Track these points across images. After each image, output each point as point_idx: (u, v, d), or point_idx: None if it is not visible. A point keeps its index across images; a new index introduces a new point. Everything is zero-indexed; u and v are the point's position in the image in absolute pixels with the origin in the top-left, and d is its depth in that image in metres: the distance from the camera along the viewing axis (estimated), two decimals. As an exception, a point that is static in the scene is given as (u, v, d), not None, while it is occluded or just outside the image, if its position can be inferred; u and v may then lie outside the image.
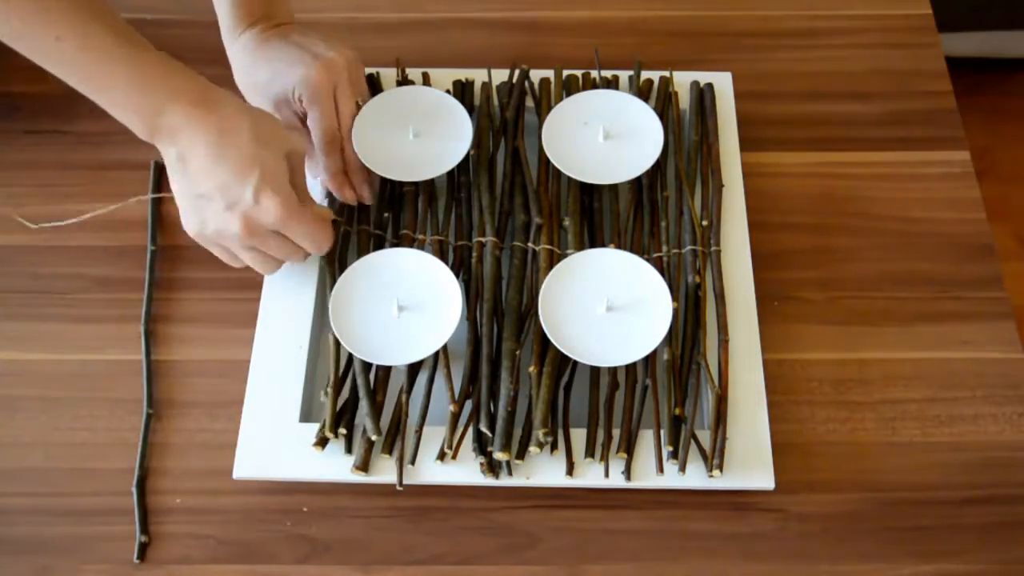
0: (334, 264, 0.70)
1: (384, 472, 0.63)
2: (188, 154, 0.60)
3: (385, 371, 0.66)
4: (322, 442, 0.63)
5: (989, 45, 1.65)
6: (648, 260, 0.69)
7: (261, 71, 0.70)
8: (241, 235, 0.62)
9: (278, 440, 0.64)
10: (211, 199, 0.61)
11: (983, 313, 0.73)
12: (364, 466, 0.63)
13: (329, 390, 0.65)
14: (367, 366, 0.65)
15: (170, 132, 0.60)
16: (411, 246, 0.70)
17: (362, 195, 0.72)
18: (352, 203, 0.72)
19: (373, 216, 0.73)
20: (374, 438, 0.63)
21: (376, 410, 0.64)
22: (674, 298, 0.67)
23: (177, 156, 0.61)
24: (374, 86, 0.80)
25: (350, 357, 0.67)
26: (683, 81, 0.80)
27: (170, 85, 0.60)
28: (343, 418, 0.64)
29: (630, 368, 0.66)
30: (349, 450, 0.64)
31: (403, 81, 0.80)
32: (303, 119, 0.71)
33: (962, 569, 0.63)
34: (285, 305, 0.70)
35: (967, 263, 0.75)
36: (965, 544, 0.64)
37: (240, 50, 0.70)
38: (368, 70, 0.81)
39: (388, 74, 0.80)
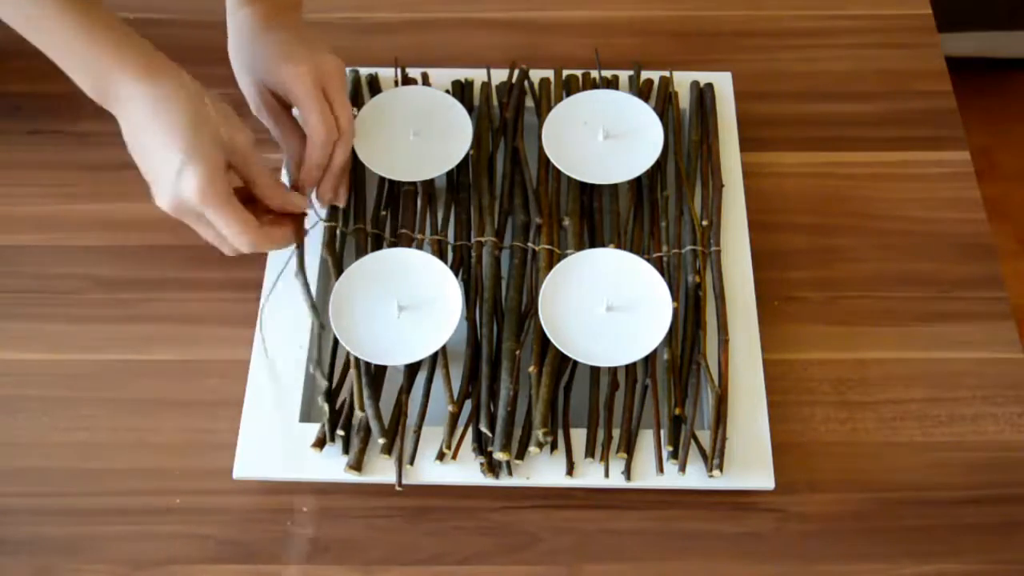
0: (332, 263, 0.70)
1: (383, 472, 0.63)
2: (128, 122, 0.61)
3: (384, 371, 0.66)
4: (320, 443, 0.63)
5: (989, 45, 1.65)
6: (648, 260, 0.69)
7: (257, 54, 0.69)
8: (169, 210, 0.61)
9: (278, 440, 0.64)
10: (149, 174, 0.61)
11: (983, 313, 0.73)
12: (357, 466, 0.63)
13: (321, 402, 0.65)
14: (370, 367, 0.65)
15: (113, 98, 0.60)
16: (410, 246, 0.70)
17: (341, 198, 0.70)
18: (324, 205, 0.71)
19: (372, 216, 0.73)
20: (381, 441, 0.63)
21: (379, 413, 0.64)
22: (674, 298, 0.67)
23: (122, 121, 0.61)
24: (373, 86, 0.80)
25: (348, 357, 0.67)
26: (683, 81, 0.80)
27: (115, 53, 0.60)
28: (341, 419, 0.64)
29: (630, 368, 0.66)
30: (348, 450, 0.64)
31: (403, 81, 0.79)
32: (275, 113, 0.70)
33: (962, 569, 0.63)
34: (285, 305, 0.69)
35: (967, 263, 0.75)
36: (965, 544, 0.64)
37: (241, 23, 0.69)
38: (368, 70, 0.81)
39: (387, 74, 0.80)
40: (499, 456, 0.62)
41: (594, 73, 0.80)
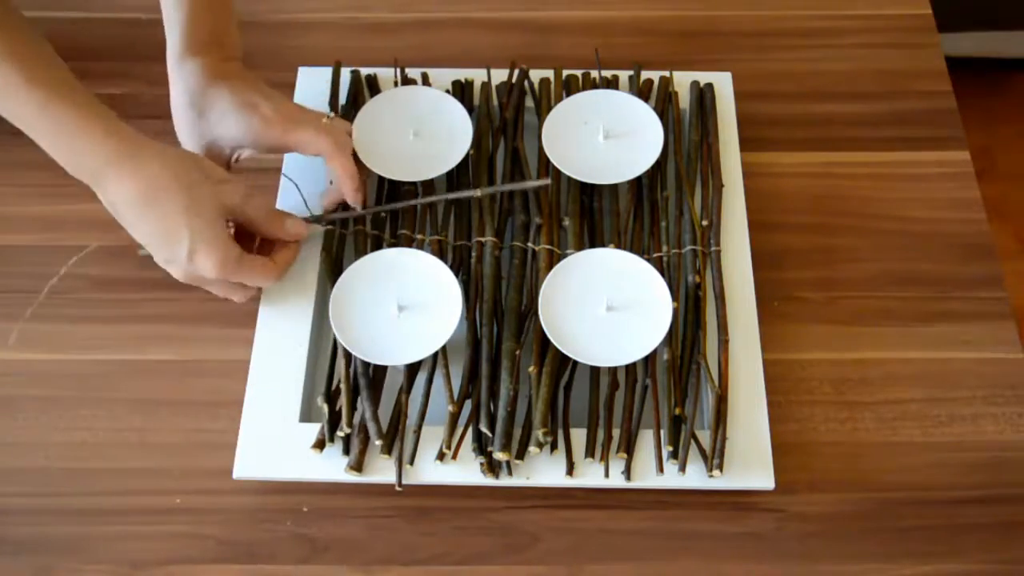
0: (332, 263, 0.70)
1: (383, 472, 0.63)
2: (118, 206, 0.61)
3: (384, 371, 0.66)
4: (320, 444, 0.63)
5: (989, 45, 1.65)
6: (648, 260, 0.69)
7: (210, 109, 0.67)
8: (183, 281, 0.64)
9: (278, 440, 0.64)
10: (151, 249, 0.63)
11: (983, 313, 0.73)
12: (358, 466, 0.63)
13: (320, 402, 0.65)
14: (367, 366, 0.65)
15: (92, 183, 0.61)
16: (410, 246, 0.70)
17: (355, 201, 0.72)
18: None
19: (371, 216, 0.73)
20: (377, 442, 0.63)
21: (376, 412, 0.64)
22: (674, 298, 0.67)
23: (108, 204, 0.62)
24: (373, 86, 0.80)
25: (347, 356, 0.67)
26: (683, 81, 0.80)
27: (87, 139, 0.59)
28: (341, 420, 0.64)
29: (630, 368, 0.66)
30: (348, 451, 0.64)
31: (402, 81, 0.79)
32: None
33: (962, 569, 0.63)
34: (285, 305, 0.69)
35: (967, 263, 0.75)
36: (965, 544, 0.64)
37: (188, 76, 0.67)
38: (367, 70, 0.81)
39: (387, 74, 0.80)
40: (499, 456, 0.62)
41: (594, 73, 0.80)
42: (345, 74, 0.80)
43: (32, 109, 0.58)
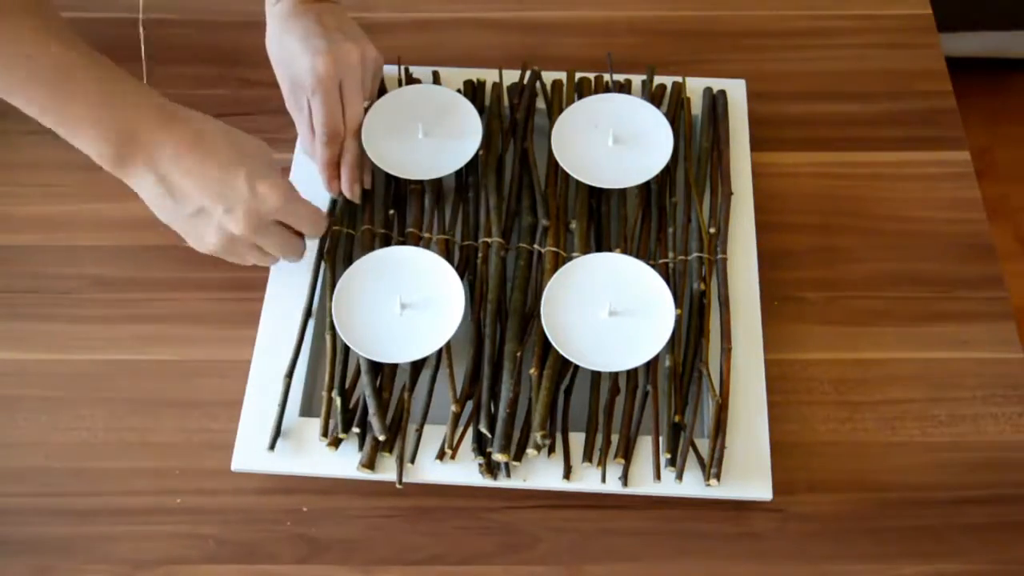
0: (333, 262, 0.70)
1: (384, 470, 0.63)
2: (170, 171, 0.60)
3: (390, 369, 0.66)
4: (335, 442, 0.63)
5: (989, 45, 1.65)
6: (654, 266, 0.69)
7: (286, 47, 0.68)
8: (244, 234, 0.62)
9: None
10: (206, 211, 0.61)
11: (983, 313, 0.73)
12: (370, 464, 0.63)
13: (334, 395, 0.65)
14: (374, 365, 0.65)
15: (145, 153, 0.60)
16: (417, 245, 0.70)
17: (352, 193, 0.71)
18: (336, 196, 0.72)
19: (379, 214, 0.73)
20: (381, 438, 0.63)
21: (382, 409, 0.64)
22: (678, 305, 0.67)
23: (157, 180, 0.61)
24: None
25: (347, 353, 0.67)
26: (696, 87, 0.80)
27: (139, 103, 0.60)
28: (354, 417, 0.64)
29: (631, 373, 0.66)
30: (362, 447, 0.64)
31: (406, 81, 0.79)
32: (298, 109, 0.70)
33: (962, 569, 0.63)
34: (287, 297, 0.69)
35: (967, 263, 0.75)
36: (965, 544, 0.64)
37: (275, 17, 0.69)
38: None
39: (390, 73, 0.80)
40: (498, 457, 0.62)
41: (606, 76, 0.80)
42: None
43: (91, 85, 0.58)
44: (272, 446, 0.64)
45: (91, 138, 0.59)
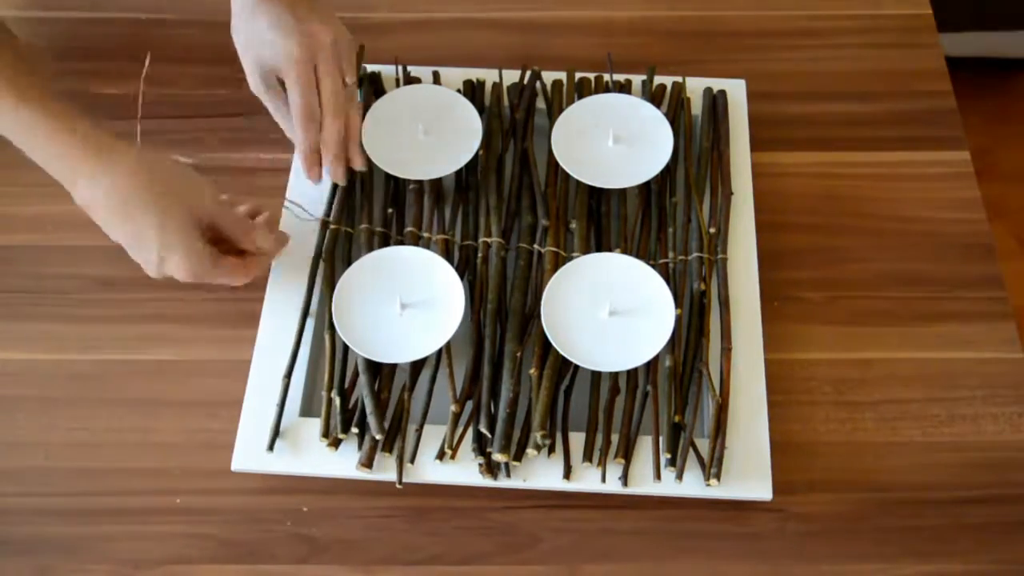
0: (332, 261, 0.70)
1: (384, 470, 0.63)
2: (91, 208, 0.61)
3: (389, 369, 0.66)
4: (335, 442, 0.63)
5: (989, 45, 1.65)
6: (654, 266, 0.69)
7: (256, 33, 0.67)
8: (158, 279, 0.64)
9: (278, 435, 0.64)
10: (125, 248, 0.63)
11: (983, 313, 0.73)
12: (369, 463, 0.63)
13: (334, 395, 0.65)
14: (371, 364, 0.65)
15: (69, 186, 0.61)
16: (416, 244, 0.70)
17: (336, 175, 0.71)
18: (317, 182, 0.71)
19: (378, 214, 0.73)
20: (378, 437, 0.63)
21: (380, 408, 0.64)
22: (679, 305, 0.67)
23: (83, 205, 0.62)
24: (376, 85, 0.80)
25: (346, 354, 0.67)
26: (696, 87, 0.80)
27: (58, 148, 0.60)
28: (353, 417, 0.64)
29: (631, 373, 0.66)
30: (360, 446, 0.64)
31: (405, 81, 0.79)
32: (273, 93, 0.70)
33: (962, 569, 0.63)
34: (289, 298, 0.69)
35: (967, 263, 0.75)
36: (965, 544, 0.64)
37: (242, 4, 0.68)
38: (371, 68, 0.81)
39: (390, 73, 0.80)
40: (498, 457, 0.62)
41: (606, 76, 0.80)
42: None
43: (4, 113, 0.59)
44: (271, 447, 0.64)
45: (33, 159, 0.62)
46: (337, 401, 0.64)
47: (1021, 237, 1.56)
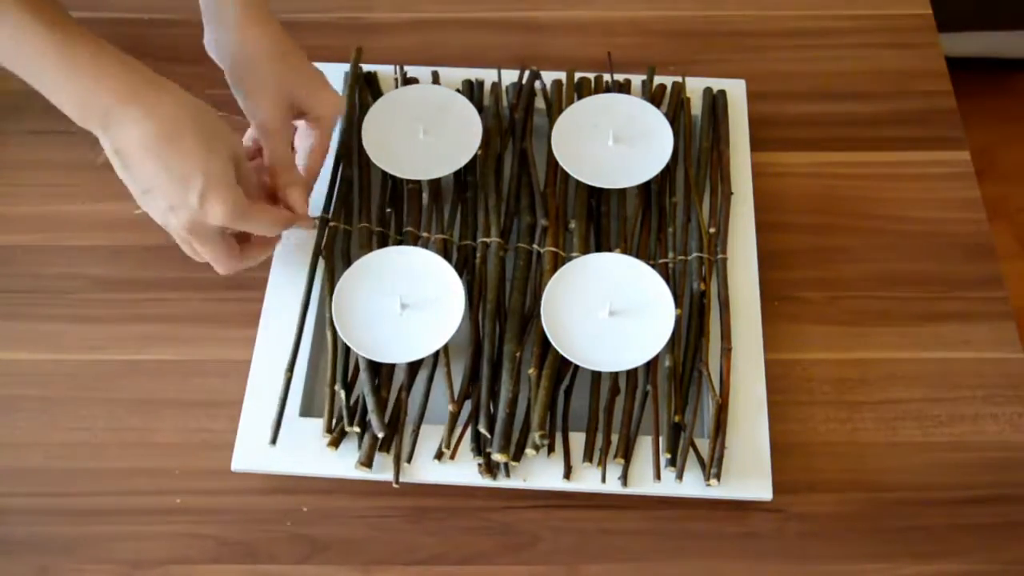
0: (331, 260, 0.70)
1: (383, 470, 0.63)
2: (125, 151, 0.58)
3: (388, 368, 0.66)
4: (336, 441, 0.63)
5: (989, 45, 1.65)
6: (654, 266, 0.69)
7: (294, 76, 0.68)
8: (181, 234, 0.61)
9: (278, 433, 0.64)
10: (153, 195, 0.60)
11: (983, 313, 0.73)
12: (368, 462, 0.63)
13: (338, 388, 0.65)
14: (372, 362, 0.65)
15: (102, 125, 0.58)
16: (415, 244, 0.70)
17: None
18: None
19: (376, 213, 0.73)
20: (380, 435, 0.63)
21: (381, 407, 0.64)
22: (679, 305, 0.67)
23: (113, 150, 0.59)
24: (373, 85, 0.80)
25: (347, 352, 0.67)
26: (696, 87, 0.80)
27: (100, 75, 0.57)
28: (354, 415, 0.64)
29: (631, 373, 0.66)
30: (361, 445, 0.64)
31: (403, 81, 0.79)
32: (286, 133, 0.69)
33: (962, 569, 0.63)
34: (290, 298, 0.69)
35: (967, 263, 0.75)
36: (965, 544, 0.64)
37: (258, 41, 0.67)
38: (368, 67, 0.81)
39: (390, 72, 0.80)
40: (497, 457, 0.62)
41: (606, 76, 0.80)
42: (341, 72, 0.80)
43: (48, 49, 0.56)
44: (273, 440, 0.64)
45: (58, 101, 0.58)
46: (342, 394, 0.64)
47: (1021, 237, 1.56)
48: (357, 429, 0.64)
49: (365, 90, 0.79)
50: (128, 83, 0.58)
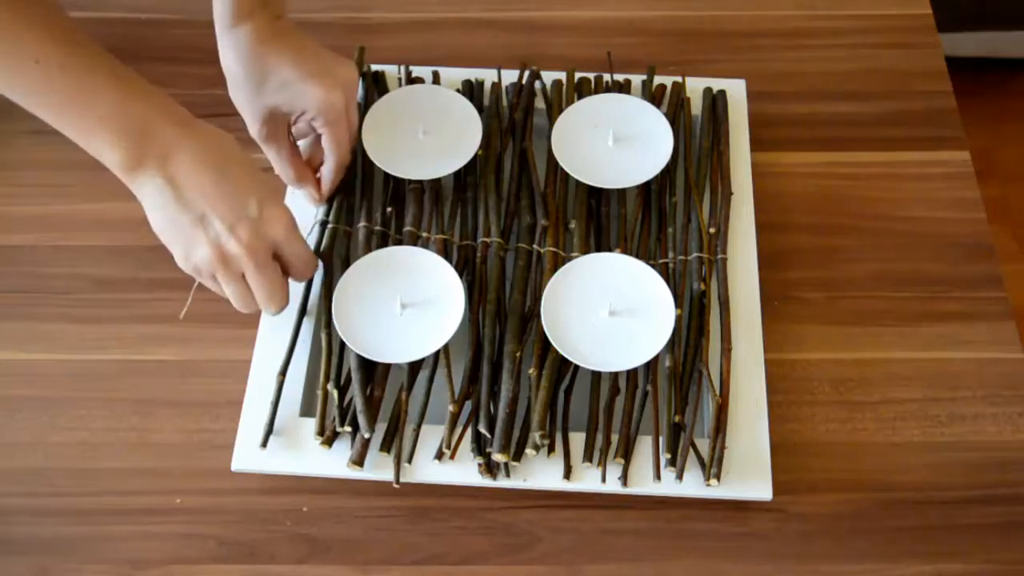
0: (331, 260, 0.70)
1: (383, 470, 0.63)
2: (183, 175, 0.58)
3: (385, 368, 0.66)
4: (329, 441, 0.63)
5: (990, 45, 1.65)
6: (654, 266, 0.69)
7: (271, 83, 0.66)
8: (241, 254, 0.60)
9: (278, 434, 0.64)
10: (208, 222, 0.59)
11: (983, 313, 0.73)
12: (360, 461, 0.63)
13: (330, 388, 0.65)
14: (364, 362, 0.65)
15: (160, 155, 0.58)
16: (415, 244, 0.70)
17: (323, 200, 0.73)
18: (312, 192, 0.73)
19: (377, 213, 0.73)
20: (366, 435, 0.63)
21: (371, 407, 0.64)
22: (679, 305, 0.67)
23: (166, 182, 0.58)
24: (380, 84, 0.80)
25: (342, 352, 0.67)
26: (696, 87, 0.80)
27: (155, 104, 0.58)
28: (346, 415, 0.64)
29: (631, 373, 0.66)
30: (350, 446, 0.64)
31: (407, 80, 0.79)
32: (279, 140, 0.69)
33: (962, 569, 0.63)
34: (290, 298, 0.69)
35: (967, 263, 0.75)
36: (965, 544, 0.64)
37: (239, 43, 0.66)
38: (373, 67, 0.81)
39: (390, 72, 0.80)
40: (497, 457, 0.62)
41: (606, 76, 0.80)
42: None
43: (105, 87, 0.56)
44: (264, 443, 0.64)
45: (107, 140, 0.57)
46: (335, 394, 0.64)
47: (1021, 237, 1.56)
48: (348, 429, 0.64)
49: (372, 89, 0.79)
50: (180, 112, 0.59)
